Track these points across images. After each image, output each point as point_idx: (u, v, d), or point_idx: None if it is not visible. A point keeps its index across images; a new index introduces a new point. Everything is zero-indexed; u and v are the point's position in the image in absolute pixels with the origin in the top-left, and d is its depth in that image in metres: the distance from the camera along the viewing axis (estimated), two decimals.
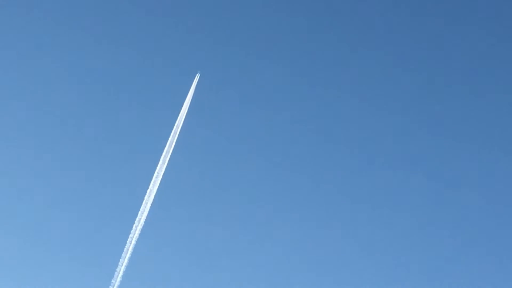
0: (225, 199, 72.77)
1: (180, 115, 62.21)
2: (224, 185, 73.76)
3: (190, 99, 62.88)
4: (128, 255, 56.93)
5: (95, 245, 68.36)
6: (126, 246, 56.88)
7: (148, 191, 58.47)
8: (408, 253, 71.88)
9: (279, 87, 79.14)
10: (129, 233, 57.22)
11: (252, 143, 76.63)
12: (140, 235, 57.30)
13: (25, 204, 70.34)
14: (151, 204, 58.08)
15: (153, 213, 58.28)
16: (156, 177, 58.72)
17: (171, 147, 60.23)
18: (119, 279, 56.59)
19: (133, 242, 57.03)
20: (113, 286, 56.24)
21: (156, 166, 59.11)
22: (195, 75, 63.07)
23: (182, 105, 62.58)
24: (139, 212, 57.72)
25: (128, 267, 56.86)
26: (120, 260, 56.90)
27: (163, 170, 59.13)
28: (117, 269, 56.78)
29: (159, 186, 58.70)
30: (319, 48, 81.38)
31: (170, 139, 60.52)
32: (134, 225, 57.43)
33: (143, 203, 57.96)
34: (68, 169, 72.50)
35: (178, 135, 61.10)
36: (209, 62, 77.52)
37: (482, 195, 75.08)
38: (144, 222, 57.72)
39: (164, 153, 59.76)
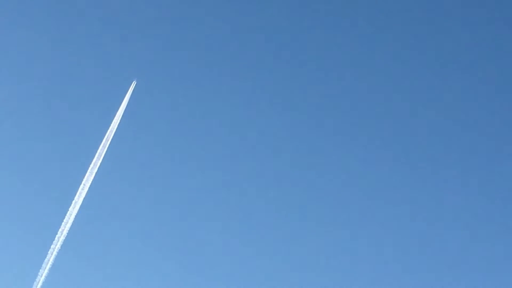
0: (156, 207, 72.28)
1: (113, 121, 61.67)
2: (156, 194, 73.10)
3: (125, 106, 62.23)
4: (48, 266, 55.85)
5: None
6: (47, 257, 55.99)
7: (76, 197, 57.73)
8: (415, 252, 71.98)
9: (217, 94, 78.87)
10: (51, 243, 56.45)
11: (186, 151, 75.96)
12: (62, 245, 56.53)
13: None
14: (76, 213, 57.43)
15: (78, 220, 57.85)
16: (85, 183, 58.09)
17: (102, 152, 59.57)
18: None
19: (54, 253, 56.03)
20: None
21: (86, 171, 58.57)
22: (132, 82, 62.56)
23: (116, 112, 61.93)
24: (63, 221, 57.13)
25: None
26: (40, 271, 55.95)
27: (93, 176, 58.46)
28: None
29: (87, 193, 58.04)
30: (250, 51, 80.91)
31: (102, 144, 59.91)
32: (57, 236, 56.62)
33: (68, 212, 57.38)
34: None
35: (111, 141, 60.52)
36: (146, 69, 76.50)
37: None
38: (68, 231, 56.95)
39: (95, 158, 59.07)
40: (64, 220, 56.85)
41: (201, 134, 76.71)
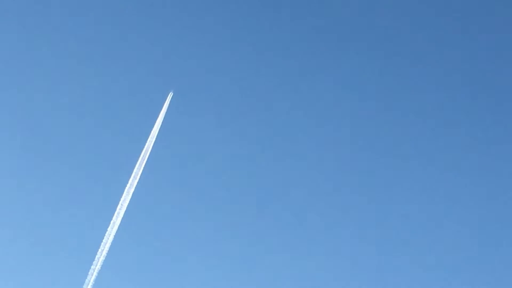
0: (196, 224, 71.56)
1: (150, 135, 61.53)
2: (195, 204, 72.36)
3: (163, 118, 62.05)
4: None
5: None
6: (87, 278, 55.90)
7: (114, 217, 57.51)
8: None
9: (254, 103, 78.33)
10: (91, 264, 56.41)
11: (225, 161, 75.38)
12: (102, 266, 56.45)
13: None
14: (115, 233, 57.18)
15: (117, 240, 57.58)
16: (122, 203, 57.83)
17: (142, 164, 59.29)
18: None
19: (95, 273, 55.96)
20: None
21: (124, 188, 58.39)
22: (168, 94, 62.34)
23: (153, 125, 61.75)
24: (102, 242, 56.92)
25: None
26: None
27: (133, 188, 58.23)
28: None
29: (125, 212, 57.89)
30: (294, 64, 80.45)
31: (141, 156, 59.68)
32: (96, 257, 56.54)
33: (107, 232, 57.18)
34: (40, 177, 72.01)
35: (150, 153, 60.24)
36: (182, 81, 76.14)
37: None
38: (108, 251, 56.81)
39: (135, 170, 58.83)
40: (103, 241, 56.69)
41: (239, 143, 76.50)
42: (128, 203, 57.60)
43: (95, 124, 74.74)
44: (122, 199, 57.50)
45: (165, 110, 62.21)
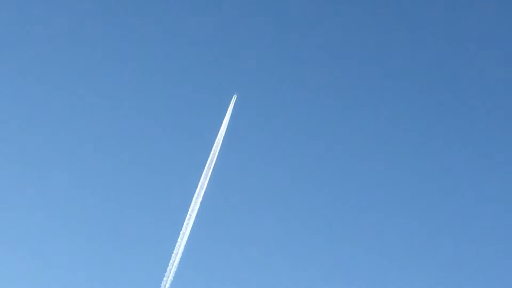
0: (266, 218, 71.82)
1: (217, 139, 61.43)
2: (264, 206, 72.67)
3: (228, 121, 61.90)
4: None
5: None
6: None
7: (183, 227, 57.55)
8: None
9: (317, 104, 78.36)
10: (163, 275, 56.50)
11: (294, 162, 75.42)
12: (174, 277, 56.47)
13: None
14: (185, 243, 57.32)
15: (188, 250, 57.50)
16: (191, 213, 57.90)
17: (210, 168, 59.34)
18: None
19: (167, 285, 56.07)
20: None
21: (196, 187, 58.46)
22: (232, 96, 62.17)
23: (220, 127, 61.74)
24: (173, 252, 56.94)
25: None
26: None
27: (203, 191, 58.29)
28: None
29: (194, 221, 57.90)
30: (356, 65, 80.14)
31: (209, 159, 59.72)
32: (168, 268, 56.55)
33: (177, 243, 57.22)
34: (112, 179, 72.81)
35: (217, 155, 60.31)
36: (245, 84, 76.80)
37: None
38: (179, 261, 56.88)
39: (204, 172, 58.83)
40: (174, 251, 56.83)
41: (304, 143, 76.36)
42: (199, 206, 57.84)
43: (163, 128, 75.87)
44: (192, 201, 57.73)
45: (230, 113, 62.23)
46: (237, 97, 62.11)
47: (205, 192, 58.13)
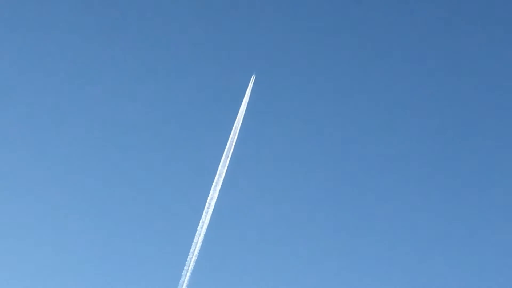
0: (288, 202, 71.63)
1: (238, 116, 61.65)
2: (287, 187, 72.56)
3: (247, 100, 62.06)
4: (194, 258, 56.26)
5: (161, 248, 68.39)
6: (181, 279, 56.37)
7: (212, 187, 57.89)
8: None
9: (339, 86, 78.41)
10: (184, 265, 56.64)
11: (314, 142, 75.72)
12: (194, 266, 56.50)
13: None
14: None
15: (207, 239, 57.56)
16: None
17: (231, 147, 59.54)
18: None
19: (188, 274, 56.25)
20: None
21: (211, 184, 58.42)
22: (251, 76, 62.17)
23: (239, 106, 62.00)
24: (193, 241, 56.90)
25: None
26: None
27: (222, 179, 58.42)
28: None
29: (213, 209, 57.98)
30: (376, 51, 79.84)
31: (230, 137, 59.88)
32: (188, 257, 56.71)
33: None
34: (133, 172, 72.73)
35: (239, 131, 60.43)
36: (264, 63, 76.73)
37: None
38: (199, 251, 56.90)
39: (225, 152, 59.00)
40: (194, 240, 56.93)
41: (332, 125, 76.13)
42: (218, 195, 57.98)
43: (183, 113, 75.86)
44: (210, 194, 57.95)
45: (249, 93, 62.24)
46: (256, 77, 62.18)
47: (223, 180, 58.33)
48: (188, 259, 56.29)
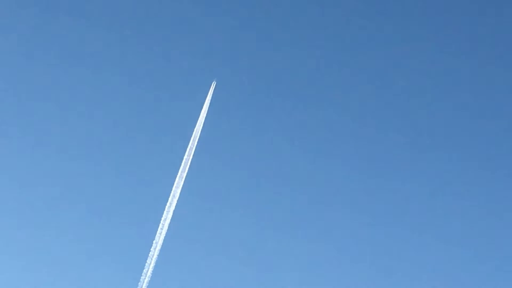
0: (243, 205, 72.16)
1: (197, 124, 61.82)
2: (243, 191, 73.17)
3: (208, 107, 62.26)
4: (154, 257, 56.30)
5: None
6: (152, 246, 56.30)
7: (171, 194, 57.95)
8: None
9: (298, 91, 78.66)
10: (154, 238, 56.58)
11: (272, 147, 75.75)
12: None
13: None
14: (175, 205, 57.59)
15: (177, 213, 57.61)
16: (175, 188, 58.23)
17: (192, 149, 59.81)
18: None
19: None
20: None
21: (176, 174, 58.68)
22: (211, 83, 62.45)
23: (199, 113, 62.13)
24: (166, 207, 57.35)
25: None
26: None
27: (182, 181, 58.52)
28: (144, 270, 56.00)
29: (178, 198, 58.13)
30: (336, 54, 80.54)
31: (191, 142, 60.15)
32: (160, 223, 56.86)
33: (169, 199, 57.54)
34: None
35: (199, 138, 60.69)
36: (225, 69, 77.06)
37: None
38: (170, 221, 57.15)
39: (185, 156, 59.20)
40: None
41: (285, 130, 76.74)
42: (179, 195, 58.17)
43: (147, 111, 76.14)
44: (171, 194, 58.12)
45: (210, 99, 62.48)
46: (216, 83, 62.53)
47: (183, 183, 58.50)
48: (150, 255, 56.56)
